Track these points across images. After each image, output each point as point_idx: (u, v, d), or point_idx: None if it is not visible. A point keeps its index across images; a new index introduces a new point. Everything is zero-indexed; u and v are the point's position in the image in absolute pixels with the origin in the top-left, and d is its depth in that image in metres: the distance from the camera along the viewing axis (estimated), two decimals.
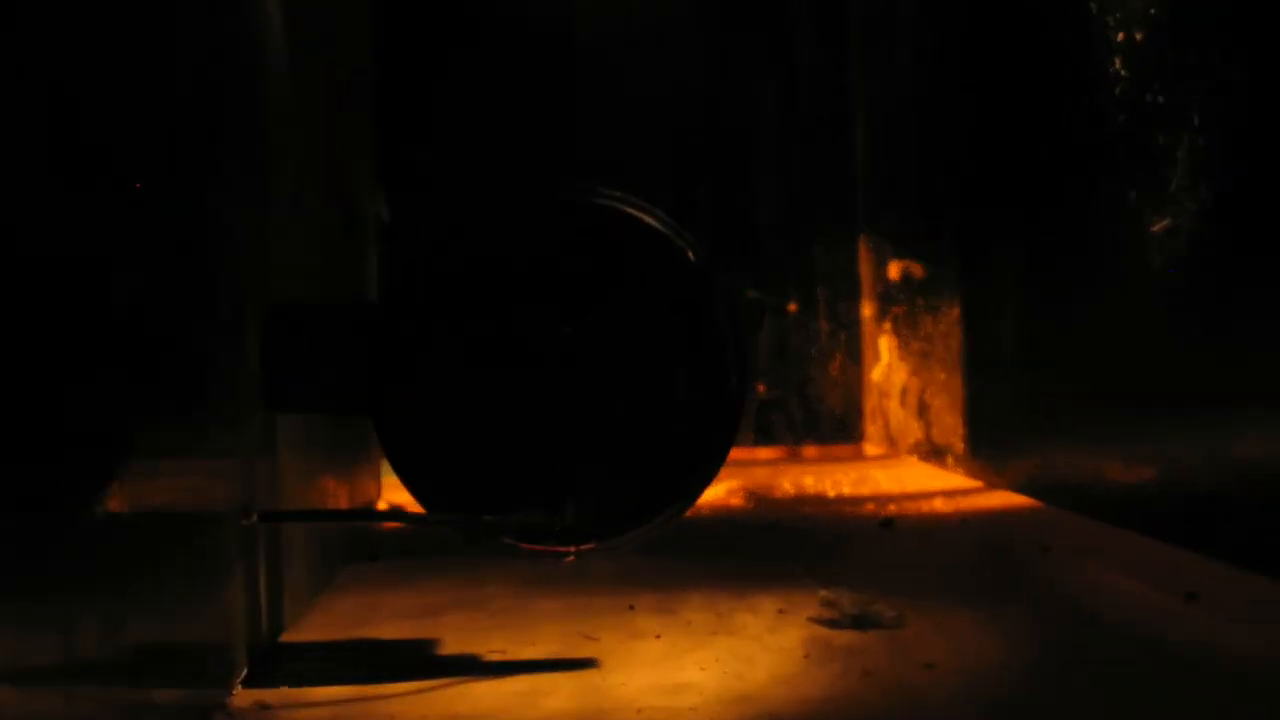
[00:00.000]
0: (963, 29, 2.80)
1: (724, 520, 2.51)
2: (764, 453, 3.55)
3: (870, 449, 3.58)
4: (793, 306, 3.57)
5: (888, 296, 3.39)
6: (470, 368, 1.39)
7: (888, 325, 3.41)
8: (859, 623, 1.59)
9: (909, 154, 3.21)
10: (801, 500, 2.78)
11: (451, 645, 1.56)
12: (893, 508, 2.56)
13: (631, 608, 1.71)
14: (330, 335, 1.49)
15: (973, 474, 2.86)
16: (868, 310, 3.54)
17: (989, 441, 2.78)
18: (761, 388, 3.55)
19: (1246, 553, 1.70)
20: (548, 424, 1.40)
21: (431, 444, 1.41)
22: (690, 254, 1.40)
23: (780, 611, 1.67)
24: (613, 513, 1.42)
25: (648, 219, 1.41)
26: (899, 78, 3.28)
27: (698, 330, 1.40)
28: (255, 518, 1.42)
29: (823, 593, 1.67)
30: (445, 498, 1.42)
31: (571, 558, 1.44)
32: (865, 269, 3.55)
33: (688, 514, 1.49)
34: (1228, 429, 1.77)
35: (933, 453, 3.11)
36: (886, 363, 3.42)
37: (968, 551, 2.13)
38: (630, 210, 1.41)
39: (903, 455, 3.34)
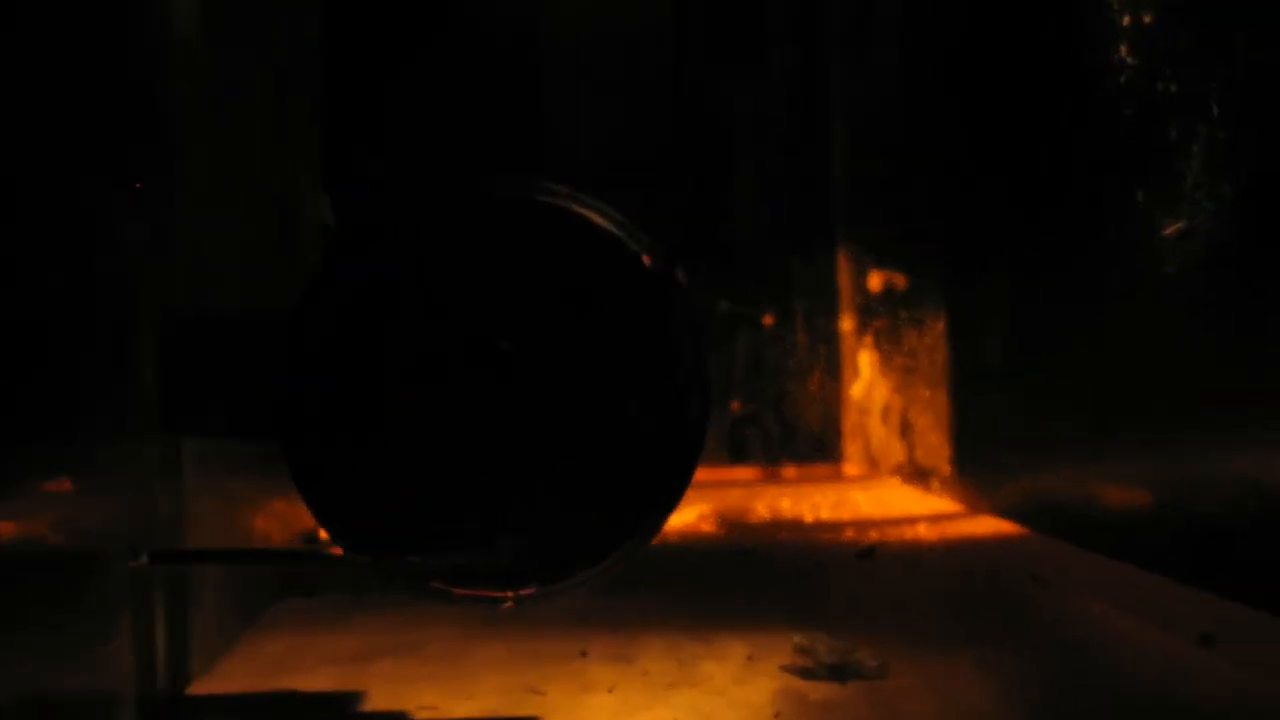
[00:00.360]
0: (947, 21, 2.65)
1: (692, 548, 2.34)
2: (739, 472, 3.39)
3: (850, 469, 3.43)
4: (768, 319, 3.43)
5: (868, 309, 3.24)
6: (387, 387, 1.22)
7: (868, 339, 3.26)
8: (837, 673, 1.42)
9: (891, 157, 3.05)
10: (777, 525, 2.62)
11: (378, 699, 1.39)
12: (874, 534, 2.41)
13: (584, 654, 1.54)
14: (239, 349, 1.31)
15: (959, 498, 2.70)
16: (847, 323, 3.40)
17: (976, 463, 2.62)
18: (736, 405, 3.40)
19: (1256, 588, 1.55)
20: (481, 452, 1.23)
21: (346, 473, 1.23)
22: (646, 259, 1.23)
23: (749, 659, 1.50)
24: (556, 553, 1.25)
25: (596, 218, 1.24)
26: (880, 77, 3.13)
27: (654, 346, 1.23)
28: (145, 558, 1.24)
29: (797, 638, 1.50)
30: (363, 534, 1.25)
31: (510, 604, 1.27)
32: (844, 280, 3.40)
33: (654, 542, 1.32)
34: (1237, 452, 1.62)
35: (916, 474, 2.95)
36: (867, 379, 3.28)
37: (955, 585, 1.97)
38: (576, 209, 1.24)
39: (884, 477, 3.18)
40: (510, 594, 1.26)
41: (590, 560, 1.26)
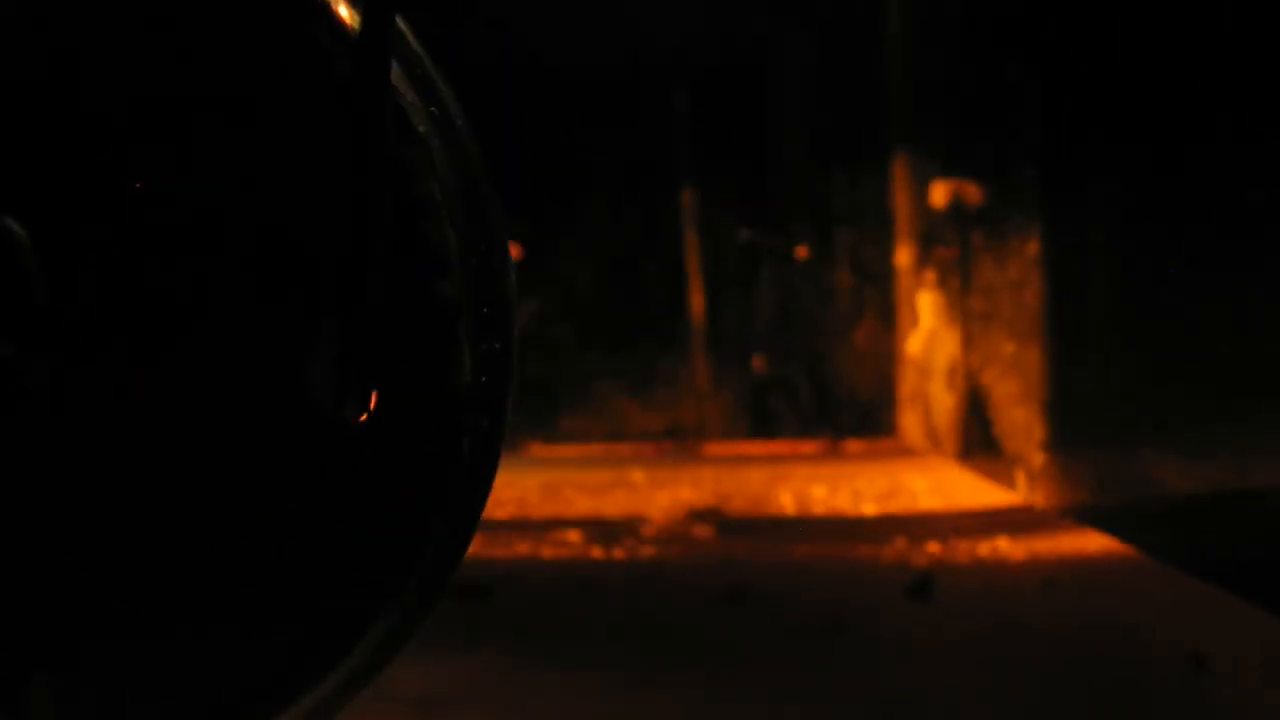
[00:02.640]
0: None
1: (662, 574, 1.65)
2: (761, 448, 2.87)
3: (904, 450, 2.92)
4: (802, 251, 2.94)
5: (932, 234, 2.72)
6: None
7: (931, 275, 2.75)
8: None
9: (967, 37, 2.53)
10: (799, 528, 2.01)
11: None
12: (933, 550, 1.74)
13: None
14: None
15: (1054, 496, 2.10)
16: (904, 255, 2.89)
17: (1082, 451, 2.03)
18: (760, 363, 2.90)
19: None
20: None
21: None
22: (339, 16, 0.52)
23: None
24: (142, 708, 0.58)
25: None
26: None
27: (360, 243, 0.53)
28: None
29: None
30: None
31: None
32: (901, 197, 2.90)
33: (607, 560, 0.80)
34: None
35: (994, 459, 2.42)
36: (929, 328, 2.77)
37: (1064, 664, 1.26)
38: None
39: (949, 460, 2.65)
40: None
41: None
